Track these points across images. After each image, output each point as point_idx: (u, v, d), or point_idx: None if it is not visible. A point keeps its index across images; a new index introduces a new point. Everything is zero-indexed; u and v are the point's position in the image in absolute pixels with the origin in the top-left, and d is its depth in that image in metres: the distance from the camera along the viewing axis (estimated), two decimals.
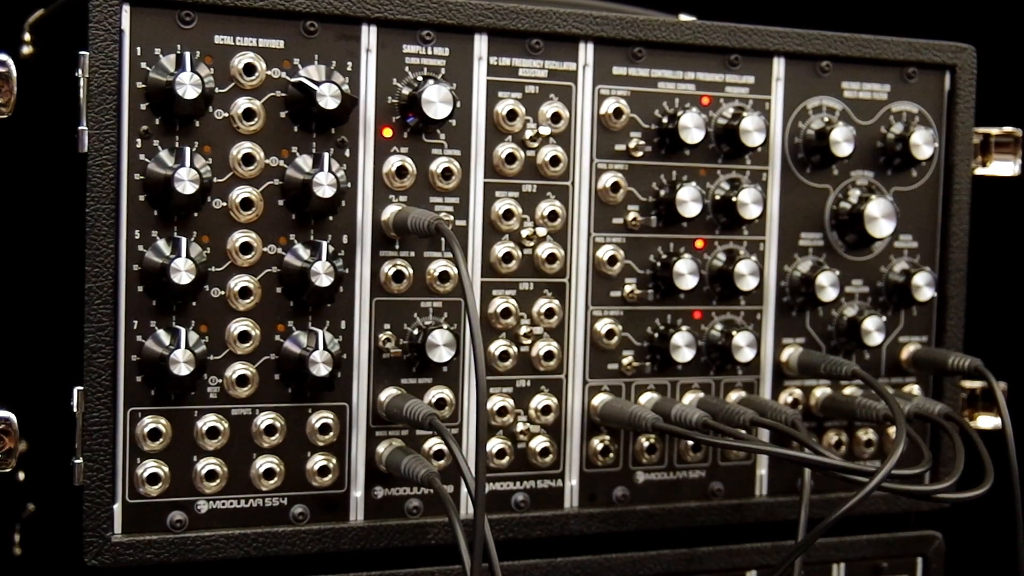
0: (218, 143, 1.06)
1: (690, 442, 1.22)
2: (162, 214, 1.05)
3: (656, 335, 1.20)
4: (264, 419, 1.09)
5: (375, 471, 1.13)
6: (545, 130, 1.16)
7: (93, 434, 1.04)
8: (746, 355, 1.21)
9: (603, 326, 1.18)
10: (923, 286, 1.26)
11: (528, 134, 1.15)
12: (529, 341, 1.16)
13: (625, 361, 1.20)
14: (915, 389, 1.30)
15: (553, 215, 1.16)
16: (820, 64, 1.25)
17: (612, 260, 1.18)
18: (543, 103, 1.16)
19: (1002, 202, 1.54)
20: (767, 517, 1.25)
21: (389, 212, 1.11)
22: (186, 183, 1.03)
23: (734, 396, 1.23)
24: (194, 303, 1.06)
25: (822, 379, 1.26)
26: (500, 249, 1.15)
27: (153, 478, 1.06)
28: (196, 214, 1.06)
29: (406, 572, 1.13)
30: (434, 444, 1.13)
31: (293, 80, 1.07)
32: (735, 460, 1.24)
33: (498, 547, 1.01)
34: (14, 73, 1.06)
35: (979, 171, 1.32)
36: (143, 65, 1.04)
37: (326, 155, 1.08)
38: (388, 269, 1.11)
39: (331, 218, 1.10)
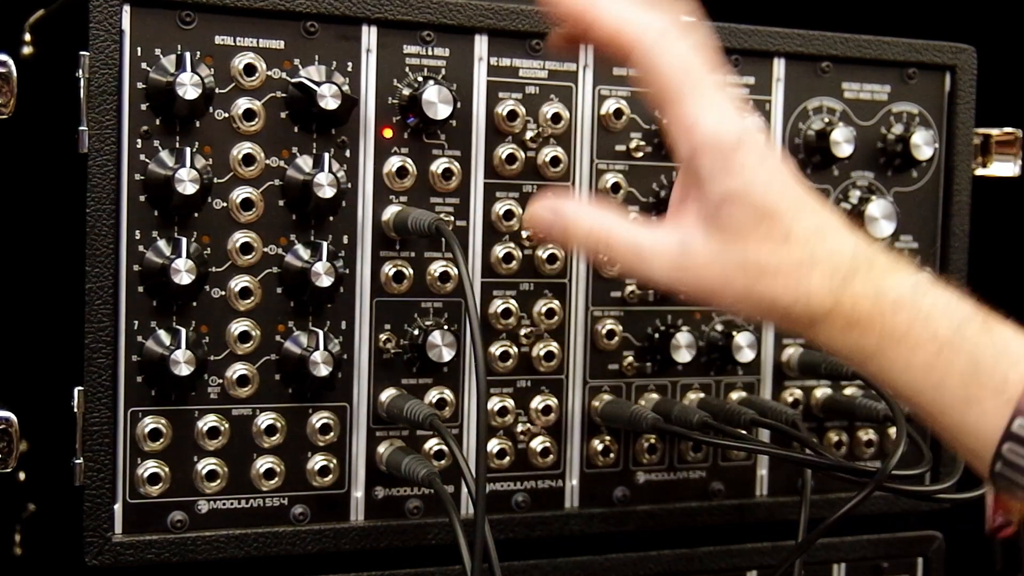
0: (218, 143, 1.06)
1: (690, 442, 1.22)
2: (162, 214, 1.05)
3: (656, 335, 1.20)
4: (264, 419, 1.09)
5: (375, 471, 1.12)
6: (546, 131, 1.16)
7: (93, 434, 1.04)
8: (746, 355, 1.21)
9: (603, 326, 1.18)
10: None
11: (528, 135, 1.15)
12: (529, 341, 1.16)
13: (625, 362, 1.19)
14: None
15: None
16: (820, 65, 1.25)
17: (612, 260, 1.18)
18: (543, 104, 1.16)
19: (1002, 202, 1.54)
20: (768, 517, 1.25)
21: (389, 212, 1.11)
22: (186, 183, 1.03)
23: (734, 396, 1.23)
24: (194, 303, 1.06)
25: (823, 379, 1.25)
26: (500, 250, 1.15)
27: (153, 478, 1.06)
28: (196, 214, 1.06)
29: (406, 572, 1.13)
30: (434, 444, 1.13)
31: (293, 80, 1.07)
32: (736, 460, 1.24)
33: (498, 547, 1.01)
34: (14, 73, 1.06)
35: (979, 171, 1.31)
36: (143, 65, 1.04)
37: (326, 155, 1.08)
38: (388, 269, 1.11)
39: (331, 218, 1.10)
